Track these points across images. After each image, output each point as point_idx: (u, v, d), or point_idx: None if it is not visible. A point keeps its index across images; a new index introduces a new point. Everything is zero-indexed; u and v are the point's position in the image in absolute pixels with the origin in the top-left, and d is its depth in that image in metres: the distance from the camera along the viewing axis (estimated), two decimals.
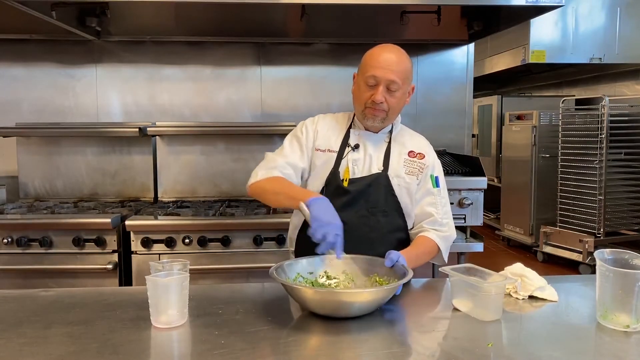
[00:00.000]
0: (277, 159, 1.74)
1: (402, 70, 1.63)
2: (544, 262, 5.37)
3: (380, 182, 1.69)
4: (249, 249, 2.50)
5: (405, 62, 1.66)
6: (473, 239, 2.98)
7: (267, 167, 1.72)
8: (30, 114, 3.17)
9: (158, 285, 1.26)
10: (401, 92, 1.65)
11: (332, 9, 2.82)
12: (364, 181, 1.69)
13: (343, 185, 1.68)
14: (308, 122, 1.81)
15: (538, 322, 1.36)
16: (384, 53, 1.64)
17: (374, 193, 1.68)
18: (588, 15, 5.20)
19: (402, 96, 1.67)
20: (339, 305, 1.30)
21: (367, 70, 1.63)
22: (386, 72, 1.61)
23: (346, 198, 1.67)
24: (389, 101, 1.64)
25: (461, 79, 3.42)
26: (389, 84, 1.62)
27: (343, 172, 1.70)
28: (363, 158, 1.72)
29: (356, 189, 1.68)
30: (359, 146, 1.73)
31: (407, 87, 1.68)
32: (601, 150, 4.84)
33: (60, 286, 2.18)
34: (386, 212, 1.69)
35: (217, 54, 3.25)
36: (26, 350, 1.14)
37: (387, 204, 1.69)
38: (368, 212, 1.68)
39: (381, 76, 1.61)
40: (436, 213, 1.74)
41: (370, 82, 1.63)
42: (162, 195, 3.11)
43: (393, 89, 1.63)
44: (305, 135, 1.77)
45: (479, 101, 6.66)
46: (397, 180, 1.70)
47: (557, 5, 2.47)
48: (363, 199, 1.68)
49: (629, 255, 1.30)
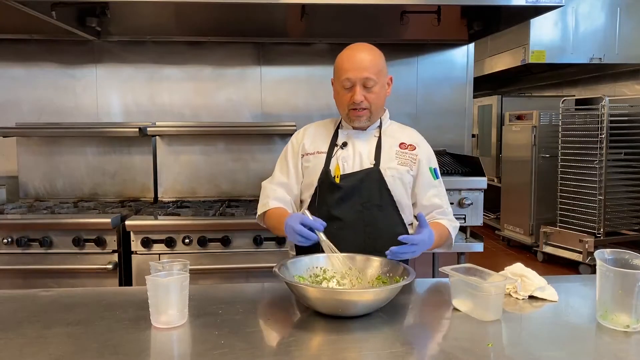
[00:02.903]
0: (267, 187, 1.84)
1: (374, 65, 1.67)
2: (544, 262, 5.37)
3: (372, 176, 1.70)
4: (249, 249, 2.50)
5: (376, 57, 1.69)
6: (473, 239, 2.98)
7: (262, 201, 1.82)
8: (30, 114, 3.17)
9: (158, 285, 1.26)
10: (378, 86, 1.68)
11: (332, 9, 2.83)
12: (355, 176, 1.70)
13: (335, 181, 1.70)
14: (293, 136, 1.88)
15: (538, 322, 1.36)
16: (353, 54, 1.69)
17: (367, 188, 1.69)
18: (588, 15, 5.20)
19: (380, 90, 1.70)
20: (343, 304, 1.30)
21: (341, 74, 1.68)
22: (358, 71, 1.64)
23: (339, 194, 1.69)
24: (368, 98, 1.67)
25: (461, 79, 3.42)
26: (364, 81, 1.65)
27: (334, 169, 1.72)
28: (352, 155, 1.73)
29: (348, 184, 1.69)
30: (346, 144, 1.75)
31: (384, 79, 1.71)
32: (601, 150, 4.84)
33: (60, 286, 2.19)
34: (381, 207, 1.69)
35: (217, 54, 3.25)
36: (26, 350, 1.14)
37: (382, 198, 1.70)
38: (362, 207, 1.68)
39: (355, 77, 1.65)
40: (443, 204, 1.79)
41: (346, 85, 1.67)
42: (162, 195, 3.11)
43: (369, 85, 1.66)
44: (292, 149, 1.83)
45: (479, 101, 6.66)
46: (389, 172, 1.70)
47: (557, 5, 2.47)
48: (356, 194, 1.69)
49: (629, 255, 1.30)
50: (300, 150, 1.81)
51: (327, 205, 1.70)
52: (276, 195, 1.79)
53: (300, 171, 1.81)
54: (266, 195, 1.81)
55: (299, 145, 1.83)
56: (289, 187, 1.81)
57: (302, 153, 1.80)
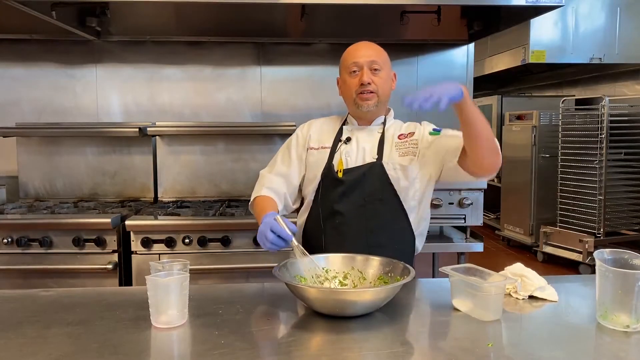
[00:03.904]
0: (265, 176, 1.84)
1: (380, 54, 1.73)
2: (544, 262, 5.37)
3: (374, 170, 1.70)
4: (249, 249, 2.50)
5: (381, 50, 1.75)
6: (473, 239, 2.98)
7: (255, 189, 1.82)
8: (30, 114, 3.17)
9: (158, 285, 1.26)
10: (384, 72, 1.71)
11: (332, 9, 2.82)
12: (358, 171, 1.71)
13: (337, 176, 1.70)
14: (299, 128, 1.88)
15: (538, 322, 1.36)
16: (359, 45, 1.75)
17: (369, 182, 1.69)
18: (588, 15, 5.20)
19: (386, 77, 1.73)
20: (342, 304, 1.30)
21: (348, 60, 1.72)
22: (366, 56, 1.70)
23: (341, 189, 1.70)
24: (375, 82, 1.69)
25: (461, 79, 3.42)
26: (371, 64, 1.69)
27: (337, 164, 1.73)
28: (356, 150, 1.74)
29: (350, 178, 1.70)
30: (350, 139, 1.76)
31: (389, 70, 1.74)
32: (601, 150, 4.84)
33: (60, 286, 2.18)
34: (383, 201, 1.69)
35: (217, 54, 3.25)
36: (26, 350, 1.14)
37: (384, 192, 1.69)
38: (365, 202, 1.69)
39: (362, 60, 1.69)
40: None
41: (353, 69, 1.70)
42: (162, 195, 3.11)
43: (376, 67, 1.69)
44: (296, 141, 1.84)
45: (479, 101, 6.66)
46: (392, 165, 1.70)
47: (557, 5, 2.47)
48: (358, 189, 1.69)
49: (628, 255, 1.29)
50: (307, 143, 1.81)
51: (329, 200, 1.71)
52: (271, 185, 1.78)
53: (304, 163, 1.80)
54: (262, 184, 1.81)
55: (305, 137, 1.83)
56: (288, 177, 1.80)
57: (308, 146, 1.81)
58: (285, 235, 1.45)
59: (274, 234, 1.45)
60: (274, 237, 1.45)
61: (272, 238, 1.45)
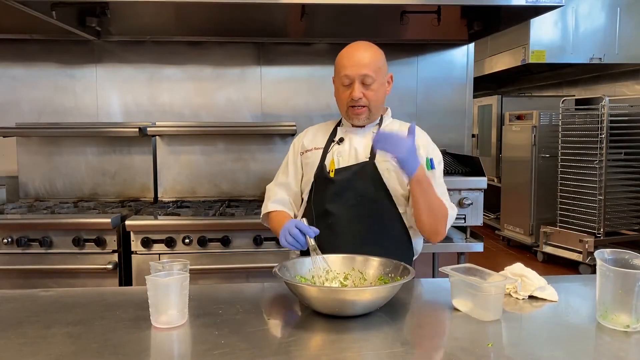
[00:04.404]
0: (269, 189, 1.89)
1: (373, 62, 1.67)
2: (544, 262, 5.37)
3: (366, 170, 1.69)
4: (249, 249, 2.50)
5: (375, 55, 1.70)
6: (473, 239, 2.98)
7: (264, 203, 1.87)
8: (30, 114, 3.17)
9: (158, 285, 1.26)
10: (377, 83, 1.68)
11: (332, 9, 2.82)
12: (349, 170, 1.70)
13: (329, 176, 1.70)
14: (296, 138, 1.91)
15: (538, 322, 1.36)
16: (352, 51, 1.70)
17: (361, 182, 1.69)
18: (588, 15, 5.20)
19: (379, 88, 1.70)
20: (342, 303, 1.30)
21: (340, 71, 1.69)
22: (357, 68, 1.65)
23: (333, 189, 1.69)
24: (367, 95, 1.67)
25: (461, 79, 3.42)
26: (363, 78, 1.66)
27: (329, 164, 1.73)
28: (348, 150, 1.74)
29: (342, 178, 1.69)
30: (343, 140, 1.76)
31: (383, 77, 1.71)
32: (601, 150, 4.84)
33: (60, 286, 2.18)
34: (375, 200, 1.68)
35: (217, 54, 3.25)
36: (26, 350, 1.14)
37: (376, 192, 1.69)
38: (357, 202, 1.68)
39: (353, 74, 1.66)
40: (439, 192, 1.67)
41: (345, 82, 1.68)
42: (162, 195, 3.11)
43: (368, 82, 1.66)
44: (292, 150, 1.88)
45: (479, 101, 6.66)
46: (384, 165, 1.69)
47: (557, 5, 2.47)
48: (351, 189, 1.68)
49: (629, 255, 1.30)
50: (300, 149, 1.84)
51: (322, 200, 1.71)
52: (276, 197, 1.84)
53: (300, 168, 1.83)
54: (267, 197, 1.87)
55: (299, 144, 1.86)
56: (288, 185, 1.84)
57: (302, 151, 1.83)
58: (308, 230, 1.55)
59: (297, 229, 1.55)
60: (297, 232, 1.55)
61: (296, 233, 1.55)
